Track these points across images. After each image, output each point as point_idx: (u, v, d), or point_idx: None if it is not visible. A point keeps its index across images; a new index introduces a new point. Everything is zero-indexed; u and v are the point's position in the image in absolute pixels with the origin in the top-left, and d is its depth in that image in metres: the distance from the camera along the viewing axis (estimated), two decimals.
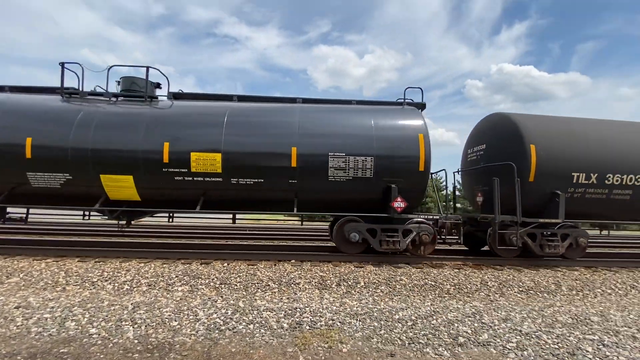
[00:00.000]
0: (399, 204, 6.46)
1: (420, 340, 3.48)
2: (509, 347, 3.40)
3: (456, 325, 3.91)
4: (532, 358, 3.21)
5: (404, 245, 6.71)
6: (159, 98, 7.07)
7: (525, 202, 6.82)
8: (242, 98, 7.35)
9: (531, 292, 5.57)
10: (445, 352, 3.26)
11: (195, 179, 6.25)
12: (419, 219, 7.00)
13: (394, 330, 3.72)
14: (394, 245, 6.66)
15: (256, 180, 6.36)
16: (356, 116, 6.95)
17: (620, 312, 4.65)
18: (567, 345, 3.52)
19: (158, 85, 7.23)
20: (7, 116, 6.23)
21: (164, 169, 6.16)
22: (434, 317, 4.12)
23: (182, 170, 6.18)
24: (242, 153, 6.32)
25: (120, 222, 6.91)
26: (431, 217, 7.64)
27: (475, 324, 3.97)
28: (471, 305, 4.75)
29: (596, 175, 7.01)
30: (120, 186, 6.25)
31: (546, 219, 7.00)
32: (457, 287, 5.57)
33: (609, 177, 7.04)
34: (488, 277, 6.01)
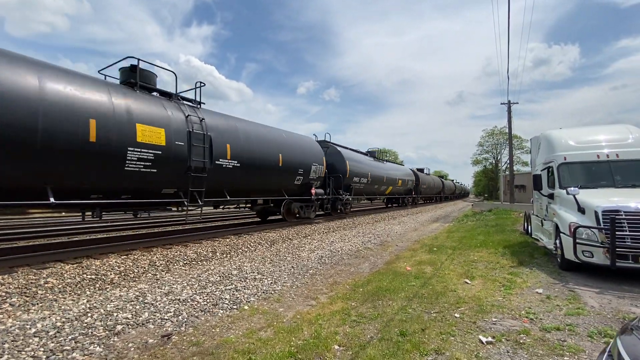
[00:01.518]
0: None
1: (66, 347, 2.98)
2: (167, 317, 3.75)
3: (115, 314, 3.73)
4: (186, 319, 3.74)
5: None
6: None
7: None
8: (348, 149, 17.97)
9: (194, 262, 6.43)
10: (98, 347, 3.02)
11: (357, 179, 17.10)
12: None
13: (26, 349, 2.92)
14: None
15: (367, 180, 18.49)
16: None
17: (250, 263, 6.51)
18: (213, 299, 4.43)
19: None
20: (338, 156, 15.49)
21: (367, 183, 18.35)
22: (89, 315, 3.68)
23: (363, 180, 17.23)
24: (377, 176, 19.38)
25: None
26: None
27: (137, 307, 3.99)
28: (136, 288, 4.71)
29: None
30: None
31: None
32: (122, 274, 5.30)
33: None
34: (157, 257, 6.22)
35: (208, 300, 4.35)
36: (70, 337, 3.16)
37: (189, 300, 4.31)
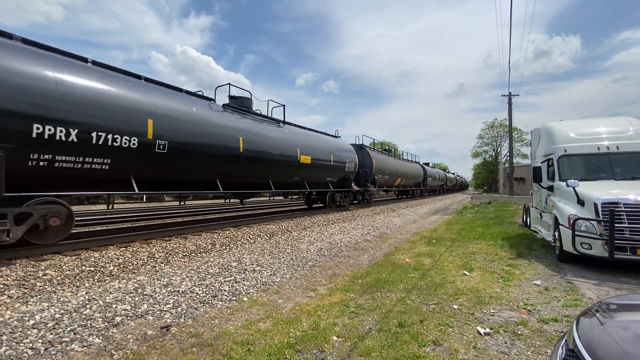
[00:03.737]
0: None
1: (65, 339, 2.98)
2: (166, 309, 3.75)
3: (114, 306, 3.73)
4: (185, 310, 3.74)
5: None
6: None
7: None
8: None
9: (193, 254, 6.43)
10: (97, 339, 3.02)
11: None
12: None
13: (24, 341, 2.92)
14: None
15: None
16: None
17: (249, 255, 6.51)
18: (212, 290, 4.43)
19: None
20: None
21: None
22: (88, 306, 3.68)
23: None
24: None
25: None
26: None
27: (136, 298, 3.99)
28: (135, 280, 4.71)
29: None
30: None
31: None
32: (121, 266, 5.30)
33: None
34: (156, 249, 6.22)
35: (207, 292, 4.35)
36: (69, 329, 3.16)
37: (188, 292, 4.31)
